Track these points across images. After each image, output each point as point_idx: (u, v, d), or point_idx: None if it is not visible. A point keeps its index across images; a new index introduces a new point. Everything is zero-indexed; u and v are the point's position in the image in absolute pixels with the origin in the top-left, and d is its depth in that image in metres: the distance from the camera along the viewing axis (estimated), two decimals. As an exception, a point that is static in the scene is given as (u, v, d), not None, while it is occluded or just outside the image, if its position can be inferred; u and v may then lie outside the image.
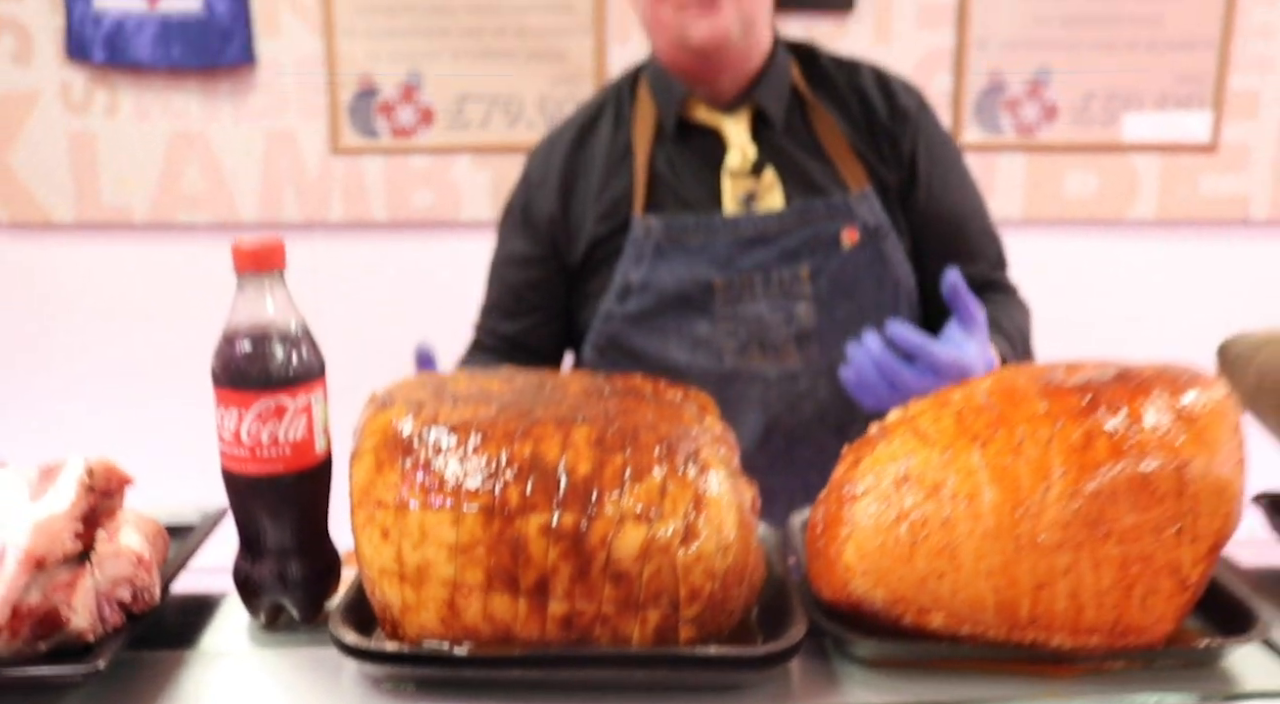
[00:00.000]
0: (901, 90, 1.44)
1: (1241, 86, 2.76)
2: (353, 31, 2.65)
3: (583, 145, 1.43)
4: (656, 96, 1.40)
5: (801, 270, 1.33)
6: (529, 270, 1.44)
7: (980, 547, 0.72)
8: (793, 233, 1.34)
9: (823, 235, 1.34)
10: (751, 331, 1.33)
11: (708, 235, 1.34)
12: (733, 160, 1.36)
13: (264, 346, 0.77)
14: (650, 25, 1.34)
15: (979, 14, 2.71)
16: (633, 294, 1.35)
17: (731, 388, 1.32)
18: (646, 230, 1.34)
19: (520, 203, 1.45)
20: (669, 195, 1.37)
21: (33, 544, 0.68)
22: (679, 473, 0.72)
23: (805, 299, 1.33)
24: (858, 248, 1.34)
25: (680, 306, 1.33)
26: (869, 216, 1.35)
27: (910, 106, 1.42)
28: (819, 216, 1.34)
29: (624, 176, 1.39)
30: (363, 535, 0.72)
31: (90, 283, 2.75)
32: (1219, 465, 0.74)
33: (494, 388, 0.81)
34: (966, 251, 1.43)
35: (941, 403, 0.81)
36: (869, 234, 1.34)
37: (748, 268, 1.33)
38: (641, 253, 1.34)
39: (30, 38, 2.62)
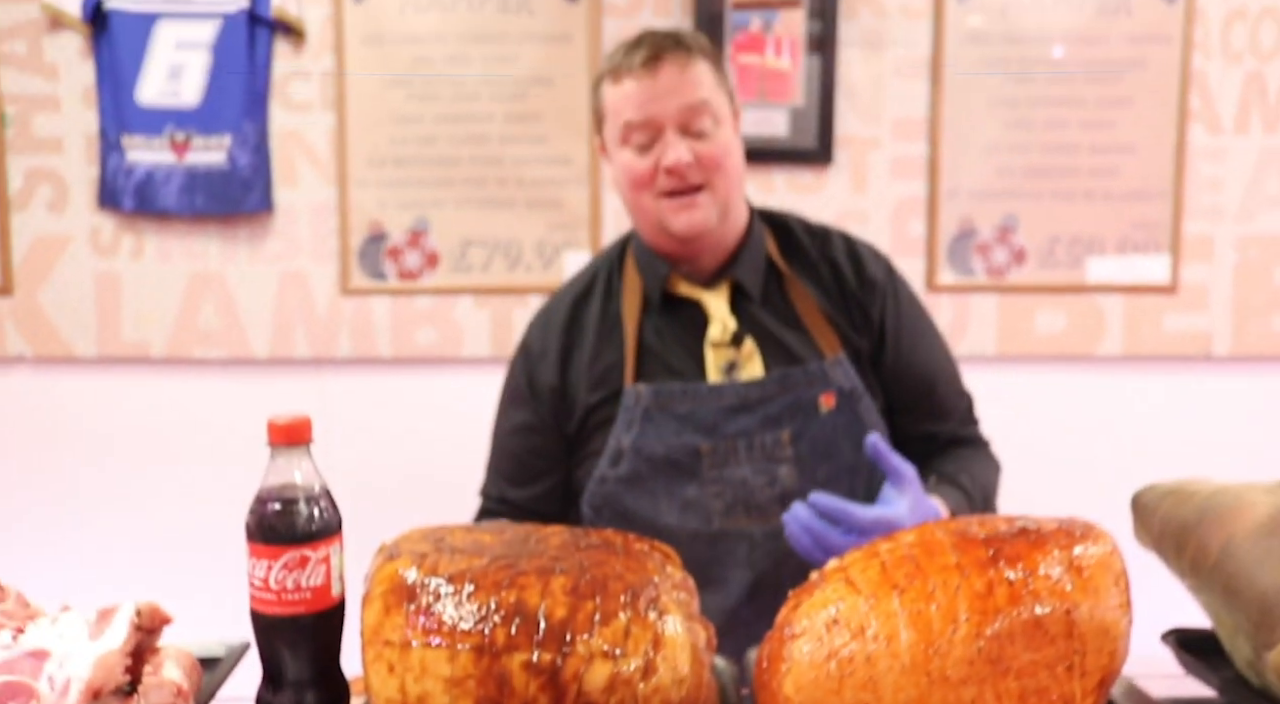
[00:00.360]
0: (870, 260, 1.55)
1: (1196, 232, 2.95)
2: (364, 182, 2.85)
3: (577, 317, 1.53)
4: (642, 271, 1.51)
5: (783, 435, 1.41)
6: (534, 439, 1.53)
7: (898, 681, 0.84)
8: (773, 400, 1.42)
9: (802, 401, 1.42)
10: (737, 494, 1.41)
11: (694, 403, 1.42)
12: (714, 332, 1.46)
13: (291, 507, 0.91)
14: (632, 210, 1.47)
15: (948, 166, 2.92)
16: (624, 458, 1.43)
17: (720, 547, 1.40)
18: (636, 398, 1.43)
19: (522, 374, 1.54)
20: (657, 364, 1.47)
21: (92, 677, 0.81)
22: (641, 616, 0.85)
23: (787, 462, 1.41)
24: (835, 411, 1.43)
25: (669, 471, 1.41)
26: (844, 381, 1.44)
27: (878, 275, 1.53)
28: (797, 383, 1.43)
29: (615, 347, 1.48)
30: (372, 670, 0.84)
31: (108, 414, 2.89)
32: (1103, 610, 0.86)
33: (486, 540, 0.95)
34: (935, 410, 1.53)
35: (871, 553, 0.94)
36: (845, 397, 1.44)
37: (732, 433, 1.41)
38: (632, 419, 1.43)
39: (67, 188, 2.82)
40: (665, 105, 1.40)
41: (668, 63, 1.40)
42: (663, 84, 1.40)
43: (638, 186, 1.44)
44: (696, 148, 1.41)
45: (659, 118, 1.40)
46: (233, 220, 2.84)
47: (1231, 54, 2.91)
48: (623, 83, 1.42)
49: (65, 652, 0.82)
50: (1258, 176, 2.94)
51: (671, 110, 1.40)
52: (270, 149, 2.83)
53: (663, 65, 1.40)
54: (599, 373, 1.49)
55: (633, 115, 1.41)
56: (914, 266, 2.91)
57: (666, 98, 1.40)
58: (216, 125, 2.79)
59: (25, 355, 2.86)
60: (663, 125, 1.41)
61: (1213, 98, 2.92)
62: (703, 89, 1.41)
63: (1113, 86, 2.91)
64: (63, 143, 2.82)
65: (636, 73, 1.40)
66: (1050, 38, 2.90)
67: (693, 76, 1.41)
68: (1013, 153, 2.93)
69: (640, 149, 1.42)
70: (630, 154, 1.43)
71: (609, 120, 1.46)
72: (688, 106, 1.40)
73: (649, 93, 1.40)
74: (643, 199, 1.44)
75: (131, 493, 2.86)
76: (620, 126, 1.43)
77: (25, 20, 2.80)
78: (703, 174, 1.42)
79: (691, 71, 1.41)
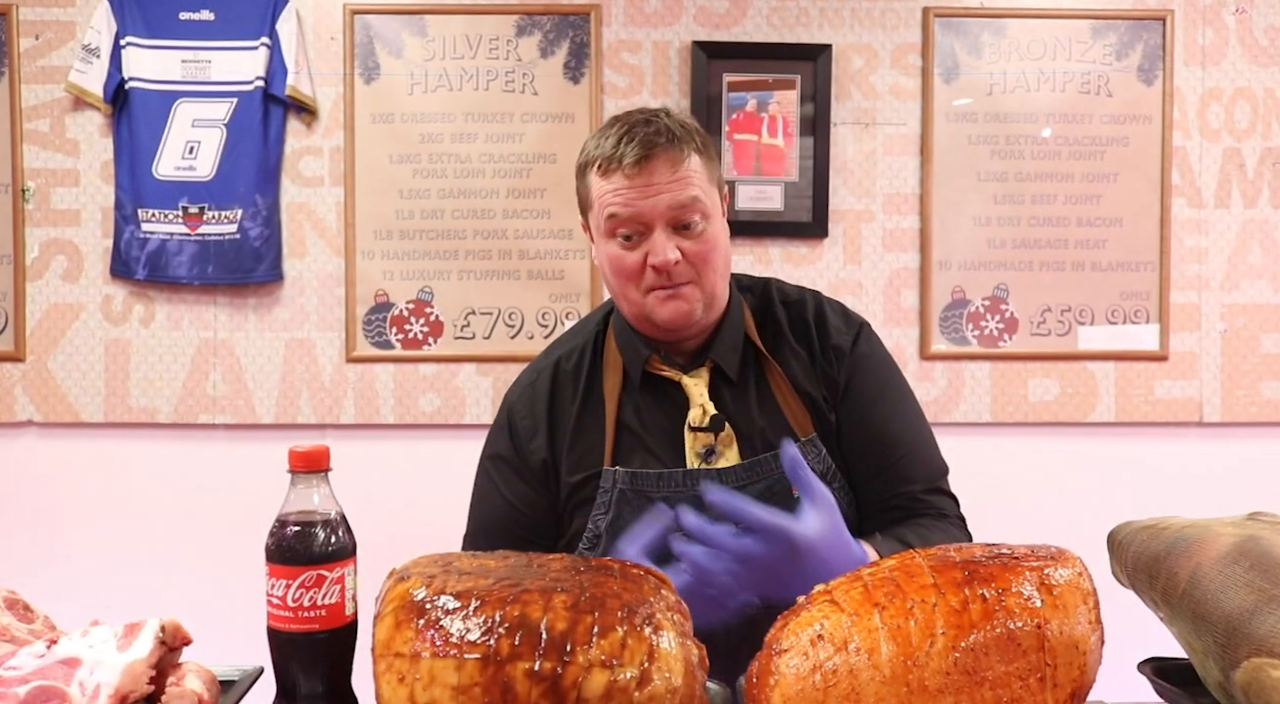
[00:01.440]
0: (837, 328, 1.52)
1: (1183, 301, 3.04)
2: (371, 253, 2.95)
3: (561, 392, 1.52)
4: (624, 353, 1.50)
5: None
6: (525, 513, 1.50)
7: (879, 691, 0.89)
8: (747, 488, 1.41)
9: (775, 489, 1.41)
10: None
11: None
12: (694, 416, 1.45)
13: (309, 530, 0.96)
14: (617, 297, 1.47)
15: (940, 239, 3.01)
16: (601, 542, 1.44)
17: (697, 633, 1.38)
18: (613, 481, 1.43)
19: (510, 450, 1.51)
20: (636, 445, 1.45)
21: (120, 683, 0.86)
22: (637, 630, 0.90)
23: None
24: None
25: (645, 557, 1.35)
26: (816, 462, 1.43)
27: (843, 344, 1.50)
28: (769, 471, 1.42)
29: (596, 426, 1.47)
30: (383, 680, 0.89)
31: (115, 478, 2.94)
32: (1073, 625, 0.92)
33: (491, 564, 1.00)
34: (894, 474, 1.47)
35: (854, 577, 0.99)
36: None
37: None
38: (609, 502, 1.43)
39: (82, 258, 2.92)
40: (655, 204, 1.37)
41: (659, 160, 1.37)
42: (653, 183, 1.37)
43: (625, 278, 1.42)
44: (685, 246, 1.39)
45: (648, 216, 1.38)
46: (242, 289, 2.93)
47: (1209, 132, 3.03)
48: (611, 178, 1.39)
49: (95, 660, 0.87)
50: (1240, 248, 3.03)
51: (661, 208, 1.37)
52: (280, 221, 2.93)
53: (654, 163, 1.37)
54: (580, 452, 1.47)
55: (620, 211, 1.38)
56: (908, 336, 2.99)
57: (656, 196, 1.37)
58: (229, 198, 2.90)
59: (34, 420, 2.92)
60: (652, 223, 1.38)
61: (1193, 173, 3.03)
62: (693, 187, 1.39)
63: (1097, 162, 3.03)
64: (80, 215, 2.93)
65: (626, 170, 1.37)
66: (1035, 116, 3.02)
67: (683, 174, 1.38)
68: (1002, 225, 3.03)
69: (626, 242, 1.40)
70: (616, 246, 1.41)
71: (595, 210, 1.43)
72: (678, 204, 1.38)
73: (638, 191, 1.37)
74: (629, 290, 1.43)
75: (137, 557, 2.90)
76: (605, 220, 1.40)
77: (50, 100, 2.92)
78: (689, 270, 1.40)
79: (682, 168, 1.38)
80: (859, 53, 3.00)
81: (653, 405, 1.48)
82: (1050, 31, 3.01)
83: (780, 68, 2.97)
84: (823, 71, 2.96)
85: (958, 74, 3.01)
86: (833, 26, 2.99)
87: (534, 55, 2.97)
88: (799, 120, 2.98)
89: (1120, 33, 3.01)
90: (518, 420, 1.53)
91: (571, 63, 2.97)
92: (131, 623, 0.93)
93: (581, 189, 1.46)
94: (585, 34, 2.96)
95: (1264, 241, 3.04)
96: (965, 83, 3.01)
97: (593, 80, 2.96)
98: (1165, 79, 3.01)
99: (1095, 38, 3.01)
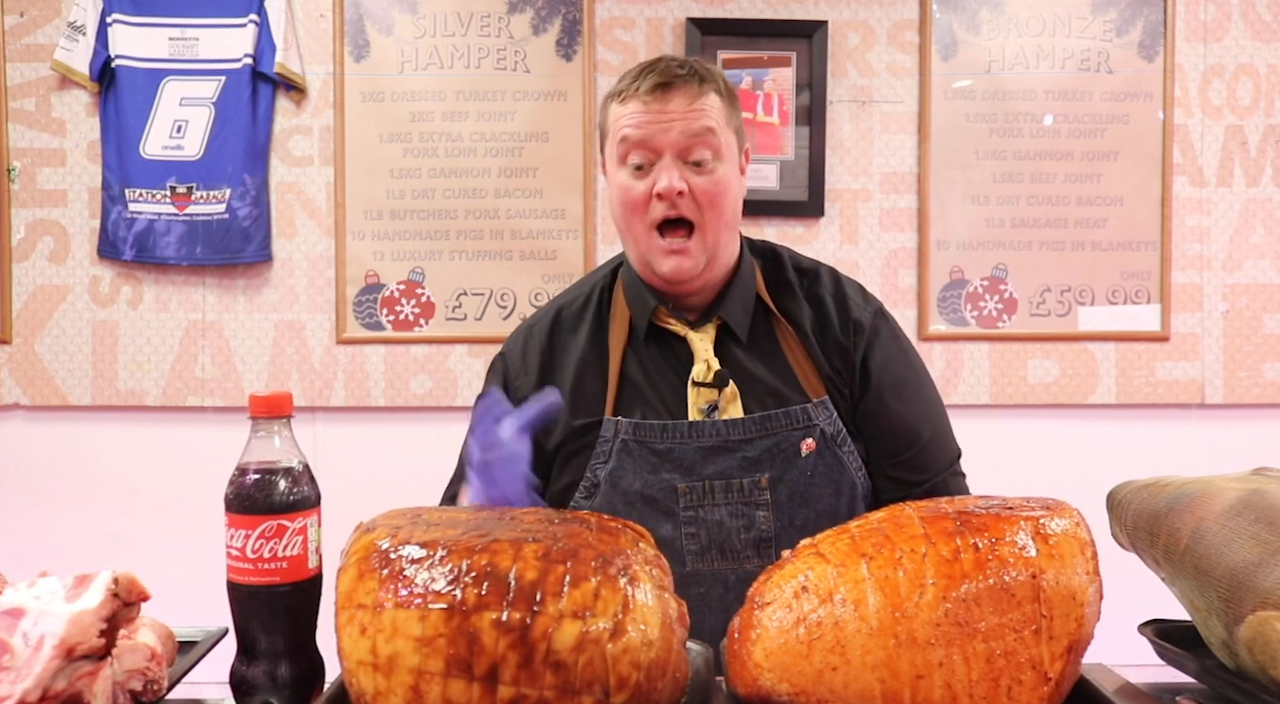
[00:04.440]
0: (857, 303, 1.51)
1: (1184, 281, 3.00)
2: (361, 233, 2.90)
3: (562, 338, 1.50)
4: (631, 305, 1.48)
5: (761, 478, 1.38)
6: None
7: (866, 643, 0.85)
8: (753, 442, 1.39)
9: (782, 445, 1.39)
10: (712, 536, 1.38)
11: (673, 441, 1.40)
12: (698, 372, 1.43)
13: (269, 478, 0.92)
14: (624, 235, 1.45)
15: (938, 218, 2.97)
16: (600, 491, 1.41)
17: (692, 589, 1.36)
18: (615, 430, 1.41)
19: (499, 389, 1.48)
20: (638, 398, 1.44)
21: (66, 634, 0.81)
22: (612, 581, 0.86)
23: (765, 507, 1.38)
24: (815, 455, 1.40)
25: (644, 507, 1.39)
26: (826, 424, 1.41)
27: (864, 318, 1.49)
28: (778, 427, 1.40)
29: (598, 376, 1.46)
30: (344, 633, 0.85)
31: (102, 461, 2.90)
32: (1069, 576, 0.87)
33: (461, 517, 0.96)
34: (915, 461, 1.47)
35: (842, 530, 0.95)
36: (826, 442, 1.41)
37: (710, 474, 1.38)
38: (609, 452, 1.41)
39: (68, 239, 2.87)
40: (666, 130, 1.38)
41: (677, 90, 1.38)
42: (668, 111, 1.38)
43: (630, 210, 1.41)
44: (692, 180, 1.38)
45: (658, 141, 1.38)
46: (231, 270, 2.89)
47: (1211, 109, 2.98)
48: (628, 103, 1.40)
49: (41, 610, 0.83)
50: (1242, 227, 2.99)
51: (673, 136, 1.38)
52: (269, 201, 2.89)
53: (672, 92, 1.38)
54: (580, 400, 1.45)
55: (632, 134, 1.39)
56: (905, 316, 2.94)
57: (669, 123, 1.38)
58: (217, 178, 2.85)
59: (21, 403, 2.88)
60: (661, 150, 1.38)
61: (1194, 151, 2.98)
62: (707, 119, 1.39)
63: (1097, 141, 2.98)
64: (66, 195, 2.88)
65: (643, 96, 1.38)
66: (1034, 94, 2.97)
67: (700, 106, 1.39)
68: (1001, 205, 2.98)
69: (637, 171, 1.40)
70: (626, 175, 1.41)
71: (610, 138, 1.44)
72: (689, 133, 1.38)
73: (652, 116, 1.38)
74: (635, 225, 1.41)
75: (126, 541, 2.86)
76: (618, 144, 1.41)
77: (35, 78, 2.88)
78: (694, 209, 1.39)
79: (700, 101, 1.39)
80: (855, 29, 2.95)
81: (657, 359, 1.47)
82: (1049, 7, 2.96)
83: (775, 45, 2.93)
84: (819, 49, 2.92)
85: (955, 51, 2.96)
86: (829, 3, 2.94)
87: (526, 32, 2.92)
88: (794, 98, 2.93)
89: (1121, 8, 2.97)
90: (509, 361, 1.53)
91: (564, 40, 2.92)
92: (82, 574, 0.89)
93: (601, 121, 1.47)
94: (578, 11, 2.91)
95: (1266, 220, 2.99)
96: (963, 60, 2.96)
97: (585, 58, 2.91)
98: (1166, 55, 2.96)
99: (1095, 13, 2.97)
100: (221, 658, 1.01)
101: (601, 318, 1.51)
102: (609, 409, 1.43)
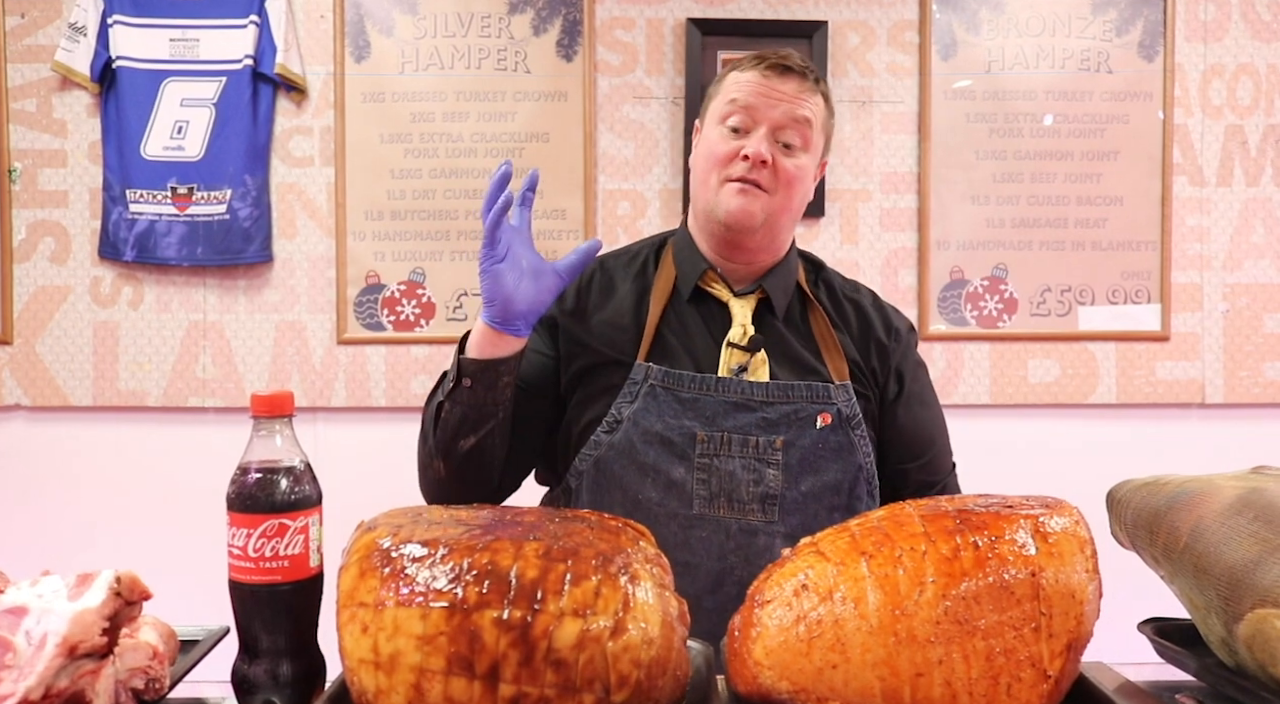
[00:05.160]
0: (896, 314, 1.64)
1: (1184, 281, 3.00)
2: (362, 234, 2.91)
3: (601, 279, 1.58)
4: (680, 266, 1.56)
5: (777, 440, 1.45)
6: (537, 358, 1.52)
7: (866, 641, 0.85)
8: (774, 405, 1.47)
9: (800, 413, 1.47)
10: (722, 484, 1.44)
11: (699, 391, 1.47)
12: (734, 334, 1.51)
13: (271, 478, 0.92)
14: (697, 186, 1.54)
15: (938, 218, 2.97)
16: (621, 428, 1.46)
17: (694, 532, 1.43)
18: (646, 374, 1.48)
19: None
20: (669, 351, 1.51)
21: (69, 632, 0.82)
22: (612, 579, 0.86)
23: (776, 466, 1.45)
24: (830, 429, 1.47)
25: (662, 448, 1.45)
26: (844, 406, 1.49)
27: (902, 328, 1.62)
28: (800, 396, 1.48)
29: (635, 322, 1.53)
30: (345, 631, 0.85)
31: (103, 463, 2.90)
32: (1069, 574, 0.87)
33: (462, 515, 0.96)
34: (927, 464, 1.60)
35: (842, 528, 0.95)
36: (841, 420, 1.48)
37: (729, 427, 1.45)
38: (636, 393, 1.47)
39: (69, 240, 2.88)
40: (772, 105, 1.48)
41: (794, 77, 1.49)
42: (779, 90, 1.48)
43: (712, 163, 1.50)
44: (778, 157, 1.48)
45: (761, 112, 1.48)
46: (232, 271, 2.89)
47: (1211, 109, 2.98)
48: (747, 72, 1.50)
49: (43, 609, 0.83)
50: (1242, 227, 2.99)
51: (776, 113, 1.48)
52: (270, 202, 2.89)
53: (789, 76, 1.49)
54: (615, 341, 1.52)
55: (740, 97, 1.48)
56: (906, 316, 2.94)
57: (777, 100, 1.48)
58: (218, 178, 2.86)
59: (22, 404, 2.88)
60: (761, 120, 1.48)
61: (1194, 151, 2.98)
62: (809, 110, 1.50)
63: (1097, 141, 2.98)
64: (67, 196, 2.89)
65: (764, 70, 1.49)
66: (1034, 93, 2.97)
67: (808, 98, 1.50)
68: (1001, 204, 2.98)
69: (732, 132, 1.49)
70: (721, 133, 1.50)
71: (717, 99, 1.53)
72: (790, 117, 1.48)
73: (765, 89, 1.48)
74: (711, 176, 1.50)
75: (127, 542, 2.86)
76: (725, 103, 1.50)
77: (37, 79, 2.88)
78: (772, 181, 1.48)
79: (809, 95, 1.50)
80: (855, 29, 2.95)
81: (695, 318, 1.54)
82: (1049, 7, 2.97)
83: (775, 45, 2.92)
84: (819, 49, 2.92)
85: (955, 51, 2.96)
86: (828, 3, 2.95)
87: (526, 33, 2.93)
88: (795, 98, 2.93)
89: (1120, 8, 2.97)
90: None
91: (564, 40, 2.93)
92: (84, 573, 0.89)
93: (713, 88, 1.55)
94: (578, 11, 2.92)
95: (1267, 220, 3.00)
96: (963, 60, 2.96)
97: (586, 58, 2.92)
98: (1166, 55, 2.97)
99: (1095, 13, 2.97)
100: (223, 657, 1.02)
101: (647, 273, 1.59)
102: (642, 355, 1.50)
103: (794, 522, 1.46)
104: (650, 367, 1.48)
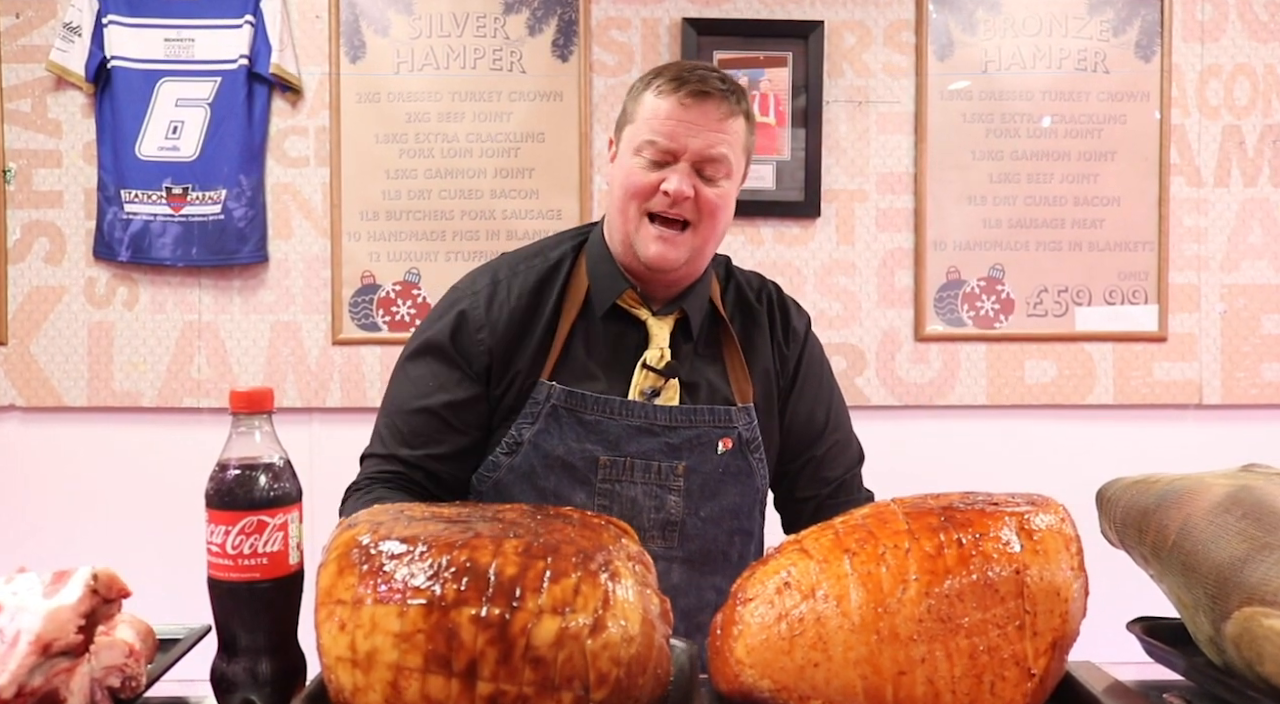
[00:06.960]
0: (795, 313, 1.62)
1: (1182, 282, 2.99)
2: (357, 234, 2.90)
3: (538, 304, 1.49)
4: (595, 279, 1.50)
5: (679, 465, 1.45)
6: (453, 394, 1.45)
7: (848, 639, 0.84)
8: (678, 430, 1.45)
9: (703, 438, 1.46)
10: (624, 512, 1.43)
11: (602, 414, 1.44)
12: (651, 356, 1.48)
13: (250, 474, 0.92)
14: (614, 214, 1.47)
15: (934, 218, 2.96)
16: (521, 451, 1.44)
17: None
18: (548, 394, 1.44)
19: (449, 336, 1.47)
20: (576, 369, 1.47)
21: (42, 629, 0.81)
22: (592, 577, 0.85)
23: (677, 493, 1.45)
24: (729, 455, 1.47)
25: (563, 473, 1.43)
26: (745, 430, 1.49)
27: (800, 328, 1.60)
28: (703, 421, 1.47)
29: (540, 341, 1.47)
30: (323, 629, 0.85)
31: (98, 463, 2.89)
32: (1054, 572, 0.87)
33: (444, 512, 0.95)
34: (824, 455, 1.58)
35: (826, 526, 0.94)
36: (741, 445, 1.48)
37: (632, 453, 1.44)
38: (539, 414, 1.44)
39: (64, 240, 2.87)
40: (691, 141, 1.41)
41: (712, 103, 1.41)
42: (698, 122, 1.41)
43: (632, 194, 1.44)
44: (700, 189, 1.42)
45: (680, 145, 1.41)
46: (226, 271, 2.88)
47: (1208, 109, 2.97)
48: (665, 100, 1.41)
49: (18, 606, 0.83)
50: (1239, 227, 2.98)
51: (696, 146, 1.41)
52: (265, 202, 2.88)
53: (707, 104, 1.41)
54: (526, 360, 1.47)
55: (660, 140, 1.41)
56: (902, 317, 2.94)
57: (695, 134, 1.41)
58: (213, 179, 2.85)
59: (16, 404, 2.87)
60: (680, 154, 1.41)
61: (1192, 151, 2.97)
62: (730, 140, 1.44)
63: (1094, 141, 2.97)
64: (62, 196, 2.88)
65: (682, 98, 1.40)
66: (1031, 94, 2.97)
67: (727, 127, 1.43)
68: (998, 205, 2.98)
69: (650, 165, 1.43)
70: (638, 163, 1.43)
71: (635, 125, 1.45)
72: (710, 151, 1.42)
73: (684, 125, 1.41)
74: (630, 207, 1.45)
75: (121, 542, 2.85)
76: (643, 138, 1.43)
77: (31, 79, 2.88)
78: (694, 213, 1.43)
79: (728, 123, 1.43)
80: (851, 30, 2.95)
81: (607, 337, 1.50)
82: (1046, 7, 2.96)
83: (771, 45, 2.93)
84: (815, 49, 2.92)
85: (952, 51, 2.96)
86: (825, 3, 2.94)
87: (522, 33, 2.92)
88: (791, 99, 2.93)
89: (1117, 8, 2.96)
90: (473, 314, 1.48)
91: (560, 40, 2.92)
92: (61, 570, 0.89)
93: (630, 104, 1.48)
94: (574, 11, 2.91)
95: (1264, 221, 2.99)
96: (960, 60, 2.96)
97: (581, 58, 2.91)
98: (1163, 55, 2.96)
99: (1092, 13, 2.96)
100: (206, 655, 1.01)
101: (560, 286, 1.52)
102: (546, 372, 1.46)
103: (692, 547, 1.46)
104: (553, 386, 1.44)
